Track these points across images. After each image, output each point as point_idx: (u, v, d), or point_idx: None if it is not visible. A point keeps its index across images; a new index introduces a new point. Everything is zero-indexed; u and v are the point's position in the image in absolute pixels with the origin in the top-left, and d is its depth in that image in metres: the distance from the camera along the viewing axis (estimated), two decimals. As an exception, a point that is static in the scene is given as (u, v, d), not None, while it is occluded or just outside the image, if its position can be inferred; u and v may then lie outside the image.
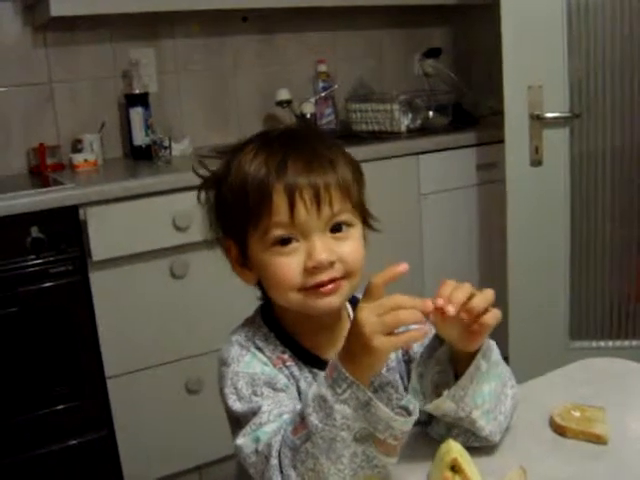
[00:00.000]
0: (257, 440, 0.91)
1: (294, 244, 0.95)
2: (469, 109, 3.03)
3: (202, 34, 2.85)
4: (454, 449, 0.88)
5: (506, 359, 2.77)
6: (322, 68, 3.01)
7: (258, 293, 1.08)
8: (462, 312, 0.87)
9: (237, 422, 0.96)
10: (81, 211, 2.06)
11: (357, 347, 0.82)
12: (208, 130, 2.87)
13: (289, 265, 0.95)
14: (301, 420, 0.86)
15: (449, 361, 0.96)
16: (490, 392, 0.95)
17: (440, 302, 0.85)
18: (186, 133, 2.75)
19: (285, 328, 1.04)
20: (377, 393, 0.86)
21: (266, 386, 0.96)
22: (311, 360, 1.03)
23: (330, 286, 0.96)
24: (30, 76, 2.56)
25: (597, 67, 2.37)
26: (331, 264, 0.95)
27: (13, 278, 2.00)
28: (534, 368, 1.23)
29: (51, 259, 2.04)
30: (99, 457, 2.19)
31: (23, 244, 2.00)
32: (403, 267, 0.83)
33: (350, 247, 0.97)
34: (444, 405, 0.93)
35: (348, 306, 1.09)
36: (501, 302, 2.81)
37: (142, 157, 2.60)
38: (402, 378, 1.08)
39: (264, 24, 2.97)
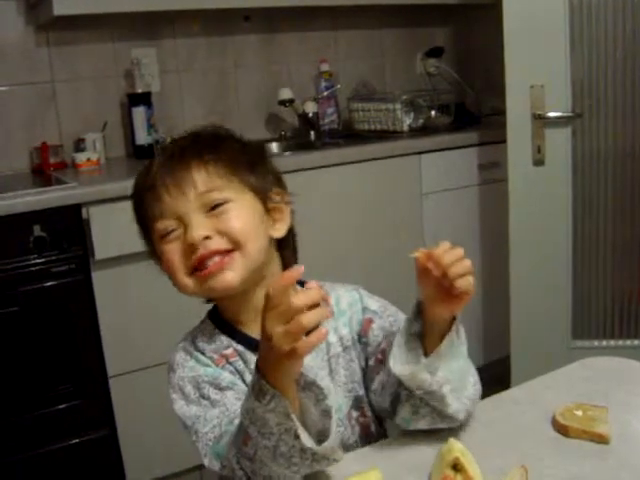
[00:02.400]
0: (219, 455, 0.94)
1: (175, 232, 1.01)
2: (471, 109, 3.03)
3: (204, 33, 2.86)
4: (455, 448, 0.88)
5: (508, 358, 2.77)
6: (324, 67, 3.01)
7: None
8: (436, 268, 0.91)
9: (187, 426, 1.00)
10: (83, 210, 2.06)
11: (271, 357, 0.81)
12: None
13: (171, 250, 1.01)
14: (245, 430, 0.87)
15: (420, 336, 0.98)
16: (458, 369, 0.98)
17: (417, 254, 0.92)
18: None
19: (230, 322, 1.07)
20: (304, 392, 0.87)
21: (211, 387, 0.99)
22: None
23: (214, 264, 0.99)
24: (33, 75, 2.56)
25: (599, 66, 2.37)
26: (207, 238, 0.98)
27: (15, 277, 2.00)
28: (536, 367, 1.23)
29: (53, 258, 2.04)
30: (101, 456, 2.19)
31: (25, 243, 2.00)
32: (297, 271, 0.80)
33: (230, 218, 1.00)
34: (420, 375, 0.95)
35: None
36: (503, 301, 2.80)
37: (144, 156, 2.59)
38: (358, 358, 1.11)
39: (266, 23, 2.97)
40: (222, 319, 1.08)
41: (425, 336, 0.97)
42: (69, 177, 2.31)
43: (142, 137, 2.62)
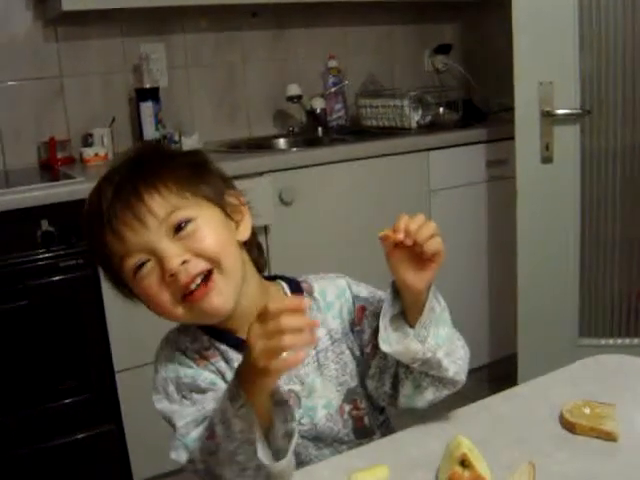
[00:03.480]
0: (187, 447, 0.95)
1: (148, 265, 0.97)
2: (479, 105, 3.03)
3: (212, 29, 2.86)
4: (463, 444, 0.88)
5: (515, 356, 2.76)
6: (332, 63, 3.00)
7: None
8: (405, 237, 0.93)
9: (167, 419, 1.01)
10: (91, 205, 2.06)
11: (250, 367, 0.83)
12: (218, 125, 2.87)
13: (151, 284, 0.97)
14: (213, 427, 0.88)
15: (403, 315, 0.99)
16: (446, 336, 0.99)
17: (383, 232, 0.94)
18: (196, 128, 2.75)
19: (218, 325, 1.06)
20: (276, 407, 0.88)
21: (192, 389, 1.00)
22: (243, 345, 1.04)
23: (200, 289, 0.96)
24: (41, 70, 2.57)
25: (608, 63, 2.36)
26: (185, 262, 0.95)
27: (23, 271, 2.00)
28: (543, 365, 1.23)
29: (61, 252, 2.05)
30: (107, 450, 2.20)
31: (33, 237, 2.01)
32: (305, 303, 0.82)
33: (200, 237, 0.97)
34: (412, 346, 0.96)
35: (285, 287, 1.11)
36: (510, 299, 2.78)
37: (152, 151, 2.60)
38: (350, 349, 1.10)
39: (274, 19, 2.97)
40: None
41: (407, 313, 0.99)
42: (77, 172, 2.31)
43: (150, 132, 2.62)
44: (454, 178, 2.68)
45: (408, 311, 0.99)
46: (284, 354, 0.80)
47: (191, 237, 0.97)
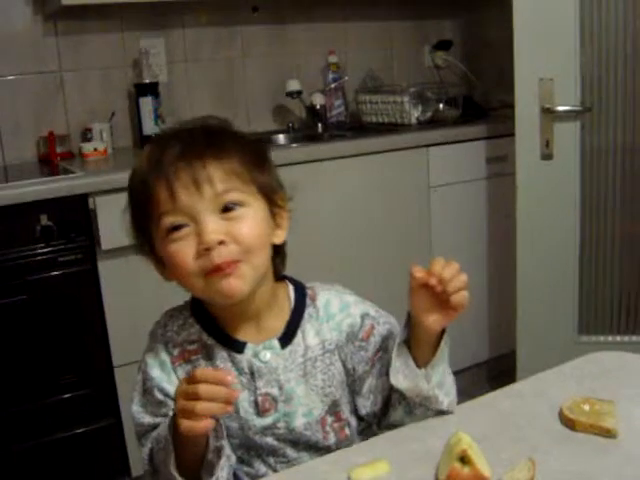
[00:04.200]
0: (143, 446, 1.07)
1: (185, 229, 0.96)
2: (479, 102, 3.02)
3: (212, 24, 2.85)
4: (463, 441, 0.88)
5: (513, 353, 2.76)
6: (332, 59, 3.00)
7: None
8: (439, 283, 0.94)
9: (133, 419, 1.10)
10: (90, 200, 2.06)
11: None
12: (217, 120, 2.87)
13: (182, 249, 0.97)
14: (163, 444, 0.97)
15: (407, 344, 1.02)
16: (443, 371, 1.03)
17: (417, 274, 0.95)
18: (195, 123, 2.75)
19: (213, 317, 1.07)
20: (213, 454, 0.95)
21: (157, 392, 1.06)
22: (230, 342, 1.05)
23: (225, 266, 0.96)
24: (40, 65, 2.56)
25: (609, 60, 2.36)
26: (222, 243, 0.95)
27: (22, 266, 2.00)
28: (542, 362, 1.23)
29: (60, 247, 2.04)
30: (106, 445, 2.20)
31: (32, 232, 2.01)
32: (230, 379, 0.87)
33: (243, 226, 0.97)
34: (420, 384, 1.00)
35: (290, 289, 1.11)
36: (510, 296, 2.78)
37: (151, 147, 2.59)
38: (343, 362, 1.10)
39: (274, 14, 2.96)
40: (203, 310, 1.07)
41: (414, 345, 1.01)
42: (76, 167, 2.31)
43: (149, 127, 2.62)
44: (454, 174, 2.68)
45: (416, 343, 1.01)
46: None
47: (235, 221, 0.97)
